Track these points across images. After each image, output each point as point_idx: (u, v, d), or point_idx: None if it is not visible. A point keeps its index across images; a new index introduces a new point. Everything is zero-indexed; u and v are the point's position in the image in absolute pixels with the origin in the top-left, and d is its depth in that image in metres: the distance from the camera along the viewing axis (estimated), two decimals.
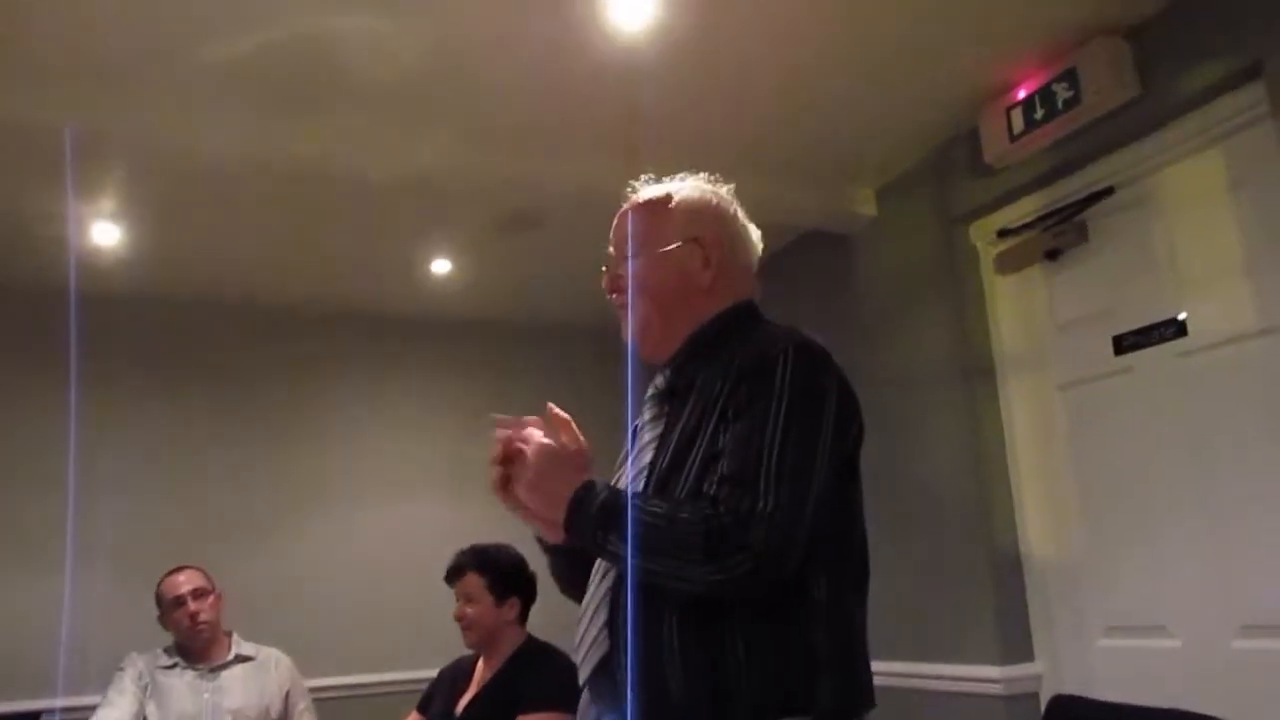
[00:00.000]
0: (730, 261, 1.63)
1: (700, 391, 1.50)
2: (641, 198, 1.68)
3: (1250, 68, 2.49)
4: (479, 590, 2.90)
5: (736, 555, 1.31)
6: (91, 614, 3.85)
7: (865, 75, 2.92)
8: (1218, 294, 2.66)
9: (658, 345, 1.62)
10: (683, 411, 1.51)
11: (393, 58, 2.69)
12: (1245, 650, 2.55)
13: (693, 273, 1.60)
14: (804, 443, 1.38)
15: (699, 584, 1.34)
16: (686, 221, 1.63)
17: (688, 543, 1.32)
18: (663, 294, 1.60)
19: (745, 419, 1.39)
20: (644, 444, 1.56)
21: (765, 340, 1.48)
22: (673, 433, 1.50)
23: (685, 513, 1.35)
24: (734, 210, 1.69)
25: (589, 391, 4.63)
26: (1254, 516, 2.54)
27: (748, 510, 1.32)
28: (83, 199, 3.37)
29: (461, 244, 4.11)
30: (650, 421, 1.58)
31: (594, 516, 1.40)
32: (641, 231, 1.63)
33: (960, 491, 3.23)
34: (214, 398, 4.48)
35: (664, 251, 1.60)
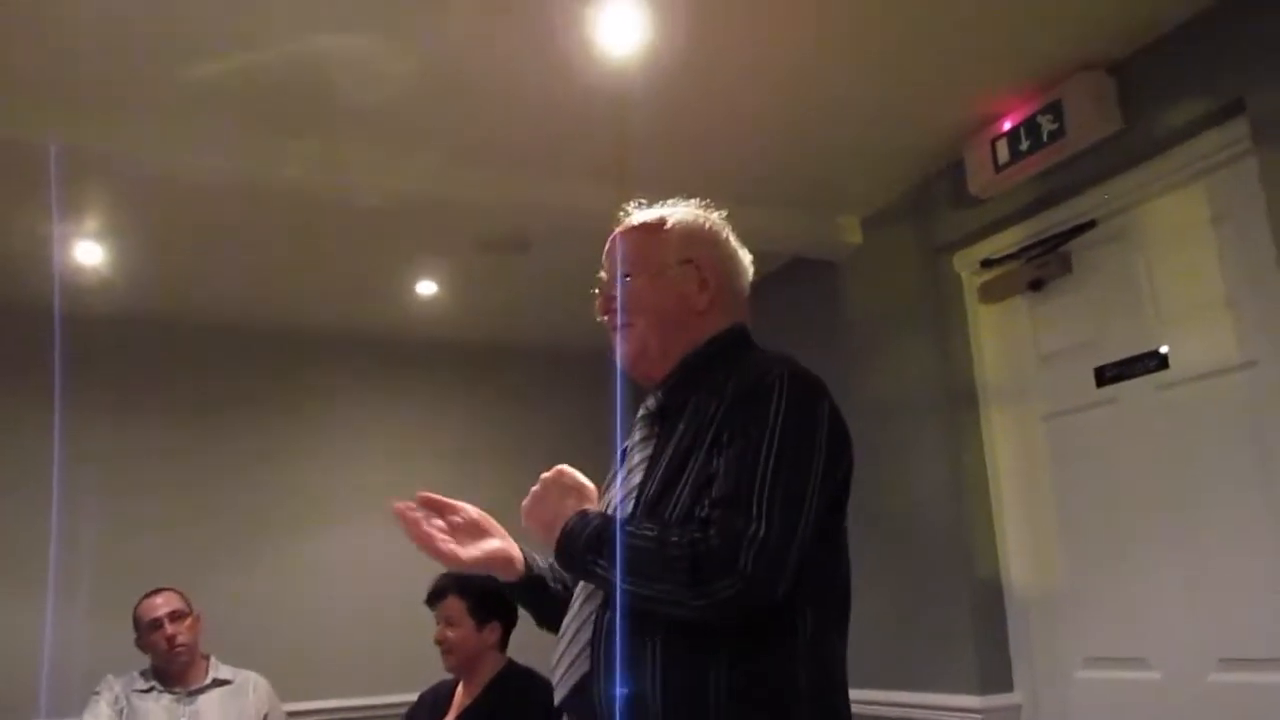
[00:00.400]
0: (724, 284, 1.64)
1: (692, 414, 1.49)
2: (636, 220, 1.69)
3: (1233, 104, 2.52)
4: (460, 614, 2.89)
5: (723, 579, 1.30)
6: (70, 636, 3.81)
7: (852, 104, 2.94)
8: (1199, 327, 2.68)
9: (652, 367, 1.62)
10: (674, 434, 1.51)
11: (380, 80, 2.69)
12: (1223, 683, 2.55)
13: (689, 295, 1.60)
14: (797, 471, 1.38)
15: (685, 608, 1.34)
16: (682, 244, 1.63)
17: (675, 566, 1.32)
18: (659, 316, 1.60)
19: (739, 444, 1.39)
20: (634, 465, 1.55)
21: (759, 366, 1.47)
22: (663, 455, 1.50)
23: (675, 536, 1.35)
24: (726, 234, 1.70)
25: (575, 414, 4.67)
26: (1234, 549, 2.55)
27: (738, 534, 1.31)
28: (67, 218, 3.35)
29: (448, 266, 4.11)
30: (640, 442, 1.58)
31: (585, 541, 1.42)
32: (637, 253, 1.63)
33: (942, 520, 3.24)
34: (196, 419, 4.46)
35: (660, 273, 1.61)
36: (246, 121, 2.88)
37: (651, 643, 1.38)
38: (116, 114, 2.77)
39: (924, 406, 3.35)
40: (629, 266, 1.63)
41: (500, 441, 4.88)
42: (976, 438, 3.29)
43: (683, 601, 1.33)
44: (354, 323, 4.67)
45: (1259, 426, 2.51)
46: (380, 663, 4.32)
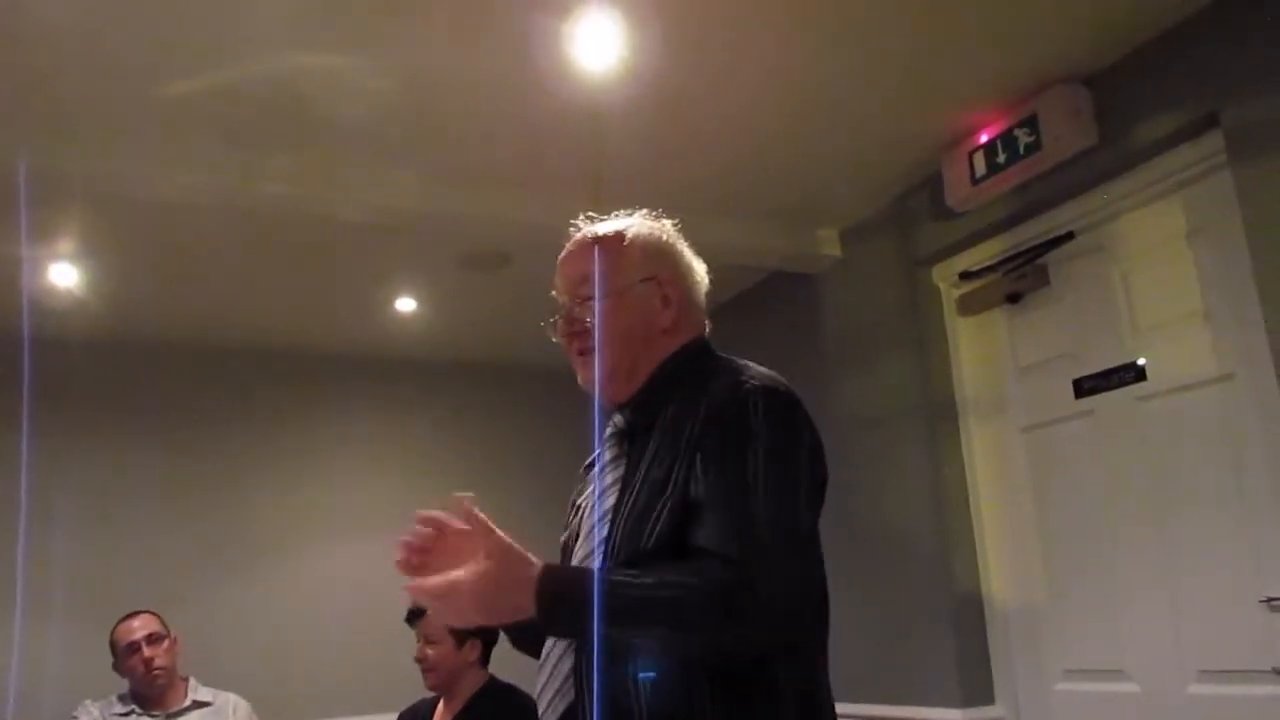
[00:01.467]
0: (686, 299, 1.59)
1: (664, 432, 1.44)
2: (590, 236, 1.61)
3: (1207, 117, 2.54)
4: (440, 632, 2.87)
5: (737, 609, 1.25)
6: (44, 660, 3.76)
7: (831, 118, 2.95)
8: (1176, 340, 2.69)
9: (620, 390, 1.55)
10: (645, 453, 1.45)
11: (358, 97, 2.68)
12: (1202, 695, 2.57)
13: (653, 313, 1.55)
14: (788, 488, 1.35)
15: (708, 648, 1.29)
16: (643, 260, 1.57)
17: (685, 606, 1.26)
18: (628, 337, 1.53)
19: (725, 465, 1.34)
20: (606, 486, 1.49)
21: (731, 380, 1.43)
22: (635, 475, 1.44)
23: (675, 575, 1.28)
24: (682, 246, 1.64)
25: (552, 430, 4.66)
26: (1212, 561, 2.56)
27: (745, 560, 1.26)
28: (40, 240, 3.32)
29: (427, 282, 4.10)
30: (611, 463, 1.52)
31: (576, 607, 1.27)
32: (596, 272, 1.55)
33: (922, 533, 3.24)
34: (171, 440, 4.43)
35: (624, 293, 1.54)
36: (223, 139, 2.86)
37: (635, 671, 1.33)
38: (91, 133, 2.75)
39: (903, 419, 3.36)
40: (590, 287, 1.55)
41: (481, 458, 4.87)
42: (956, 450, 3.30)
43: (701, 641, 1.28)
44: (333, 341, 4.64)
45: (1236, 438, 2.53)
46: (360, 682, 4.29)
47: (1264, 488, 2.45)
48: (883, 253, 3.52)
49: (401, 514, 4.86)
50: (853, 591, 3.38)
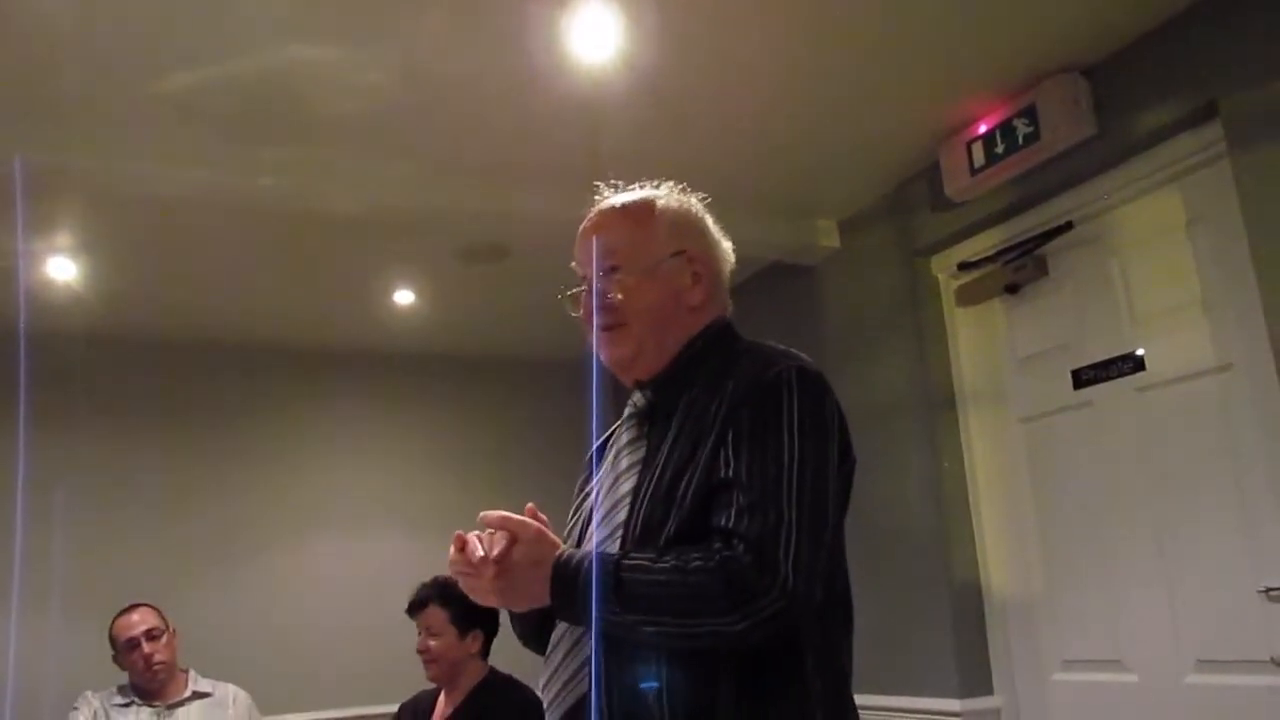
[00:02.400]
0: (715, 276, 1.54)
1: (688, 414, 1.39)
2: (618, 205, 1.54)
3: (1206, 107, 2.53)
4: (442, 624, 2.87)
5: (766, 596, 1.21)
6: (44, 652, 3.77)
7: (828, 109, 2.94)
8: (1175, 330, 2.69)
9: (643, 369, 1.49)
10: (667, 435, 1.39)
11: (355, 90, 2.68)
12: (1199, 685, 2.57)
13: (682, 290, 1.49)
14: (819, 474, 1.30)
15: (726, 636, 1.22)
16: (672, 234, 1.51)
17: (707, 592, 1.21)
18: (655, 315, 1.47)
19: (755, 448, 1.29)
20: (622, 470, 1.43)
21: (761, 361, 1.38)
22: (656, 458, 1.38)
23: (698, 560, 1.23)
24: (710, 220, 1.59)
25: (551, 423, 4.66)
26: (1210, 551, 2.56)
27: (772, 546, 1.22)
28: (38, 234, 3.31)
29: (425, 275, 4.09)
30: (629, 445, 1.46)
31: (582, 593, 1.26)
32: (625, 246, 1.49)
33: (921, 525, 3.24)
34: (169, 434, 4.43)
35: (653, 269, 1.47)
36: (219, 134, 2.85)
37: (655, 661, 1.28)
38: (87, 127, 2.74)
39: (902, 410, 3.36)
40: (617, 260, 1.48)
41: (479, 451, 4.87)
42: (955, 441, 3.30)
43: (723, 630, 1.22)
44: (330, 334, 4.64)
45: (1235, 428, 2.52)
46: (360, 674, 4.30)
47: (1263, 478, 2.45)
48: (881, 244, 3.52)
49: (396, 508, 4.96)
50: (853, 582, 3.39)
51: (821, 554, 1.27)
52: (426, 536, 4.41)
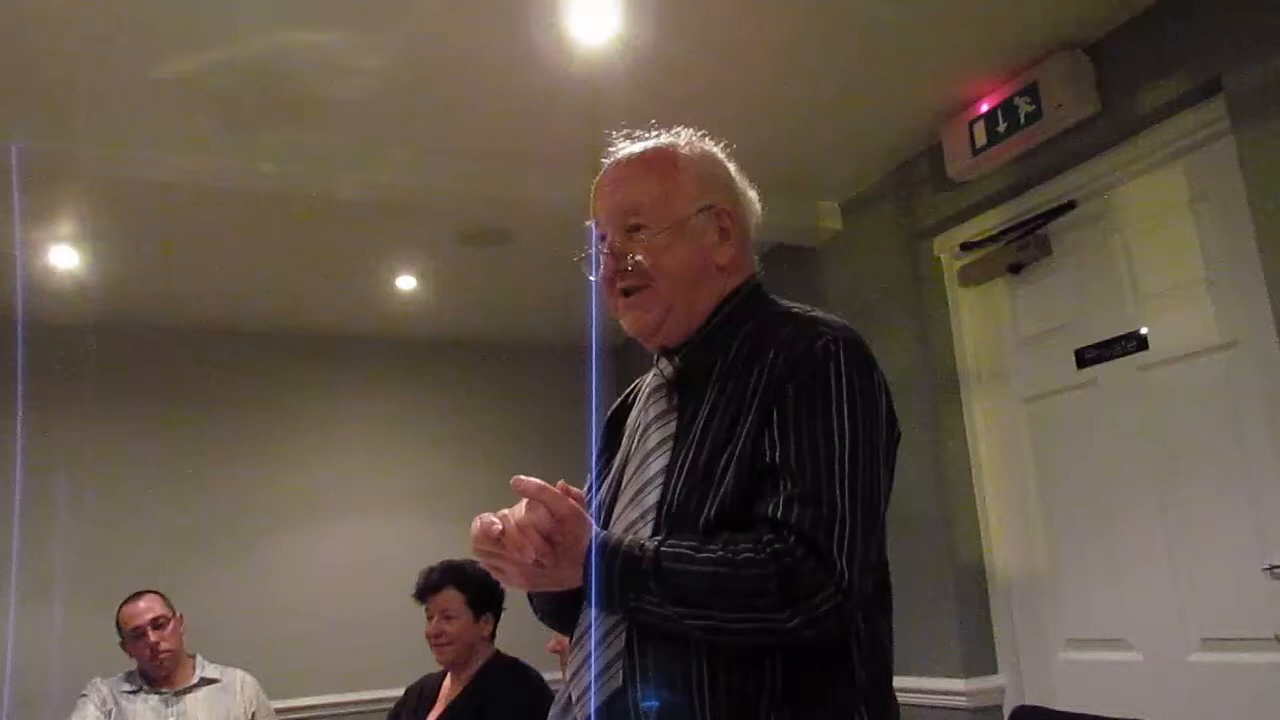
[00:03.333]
0: (745, 231, 1.42)
1: (724, 385, 1.29)
2: (637, 156, 1.42)
3: (1210, 83, 2.51)
4: (458, 607, 2.87)
5: (820, 594, 1.13)
6: (49, 640, 3.79)
7: (830, 89, 2.93)
8: (1178, 308, 2.68)
9: (671, 334, 1.37)
10: (700, 408, 1.29)
11: (353, 74, 2.67)
12: (1204, 663, 2.57)
13: (710, 248, 1.37)
14: (871, 457, 1.21)
15: (778, 634, 1.14)
16: (698, 186, 1.39)
17: (761, 588, 1.13)
18: (684, 277, 1.35)
19: (803, 429, 1.20)
20: (651, 447, 1.33)
21: (805, 328, 1.28)
22: (690, 434, 1.28)
23: (748, 550, 1.15)
24: (736, 171, 1.47)
25: (555, 406, 4.66)
26: (1214, 530, 2.56)
27: (826, 538, 1.14)
28: (39, 223, 3.32)
29: (427, 260, 4.09)
30: (658, 419, 1.35)
31: (623, 577, 1.18)
32: (649, 201, 1.37)
33: (925, 505, 3.24)
34: (176, 419, 4.45)
35: (680, 225, 1.36)
36: (218, 119, 2.85)
37: (696, 658, 1.19)
38: (87, 114, 2.73)
39: (906, 391, 3.32)
40: (641, 218, 1.36)
41: (483, 435, 4.88)
42: (958, 421, 3.29)
43: (775, 628, 1.14)
44: (333, 319, 4.64)
45: (1239, 407, 2.52)
46: (366, 658, 4.33)
47: (1266, 455, 2.44)
48: (884, 225, 3.50)
49: (401, 492, 4.97)
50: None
51: (874, 544, 1.21)
52: (430, 521, 4.45)
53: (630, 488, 1.33)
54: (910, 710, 3.18)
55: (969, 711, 3.02)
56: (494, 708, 2.75)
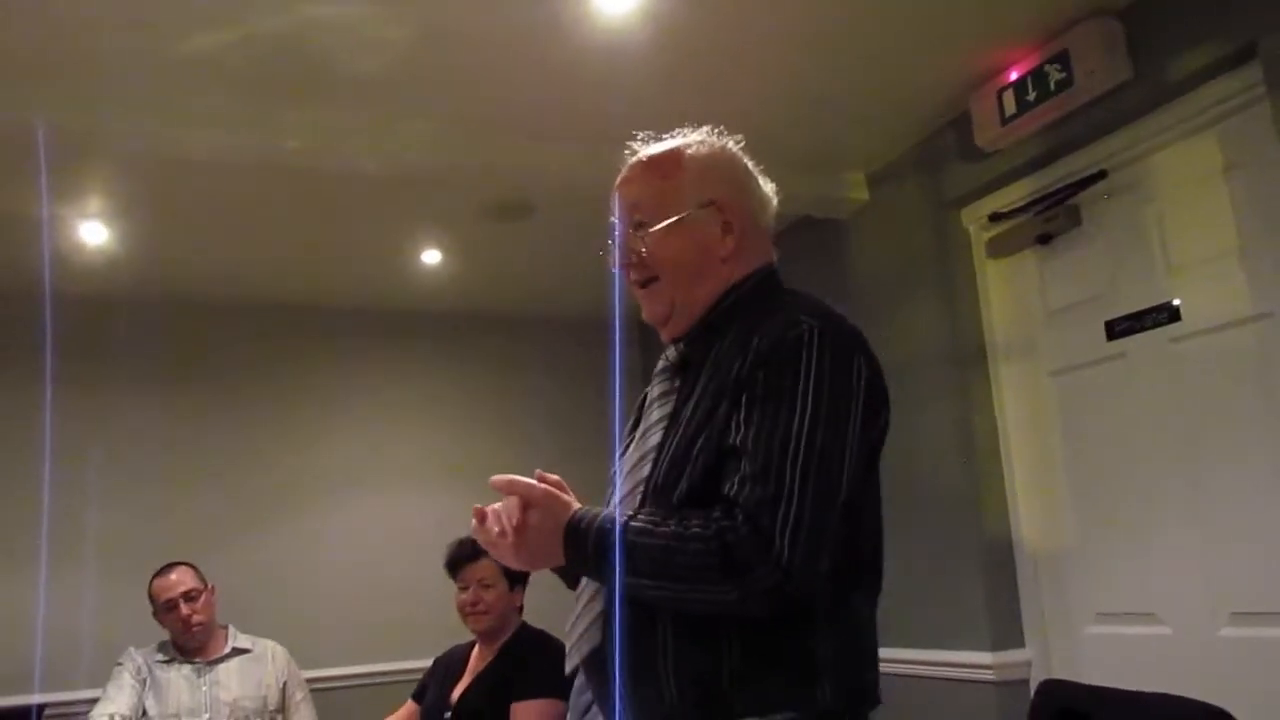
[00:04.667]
0: (749, 225, 1.50)
1: (713, 369, 1.37)
2: (646, 158, 1.53)
3: (1245, 49, 2.46)
4: (495, 576, 2.90)
5: (758, 570, 1.20)
6: (81, 609, 3.85)
7: (856, 58, 2.89)
8: (1211, 279, 2.64)
9: (678, 324, 1.48)
10: (694, 390, 1.39)
11: (376, 47, 2.66)
12: (1234, 637, 2.55)
13: (711, 242, 1.46)
14: (831, 441, 1.26)
15: (721, 604, 1.24)
16: (701, 183, 1.48)
17: (703, 561, 1.21)
18: (683, 269, 1.45)
19: (766, 411, 1.27)
20: (651, 424, 1.43)
21: (787, 317, 1.34)
22: (682, 414, 1.38)
23: (696, 526, 1.24)
24: (746, 164, 1.56)
25: (578, 381, 4.68)
26: (1245, 503, 2.53)
27: (769, 518, 1.21)
28: (70, 198, 3.34)
29: (452, 234, 4.10)
30: (660, 398, 1.46)
31: (595, 546, 1.29)
32: (652, 199, 1.48)
33: (952, 479, 3.22)
34: (206, 393, 4.49)
35: (680, 220, 1.46)
36: (243, 93, 2.86)
37: (663, 618, 1.30)
38: (115, 92, 2.75)
39: (933, 364, 3.33)
40: (645, 214, 1.48)
41: (507, 410, 4.90)
42: (986, 394, 3.27)
43: (716, 599, 1.23)
44: (360, 293, 4.67)
45: (1272, 379, 2.48)
46: (394, 630, 4.37)
47: None
48: (911, 196, 3.47)
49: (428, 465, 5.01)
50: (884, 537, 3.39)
51: (827, 524, 1.25)
52: (458, 493, 4.42)
53: (630, 461, 1.44)
54: (937, 684, 3.19)
55: (996, 685, 3.02)
56: (519, 676, 2.77)
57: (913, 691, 3.24)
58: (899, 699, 3.26)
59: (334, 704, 3.83)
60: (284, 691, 3.42)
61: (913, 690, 3.24)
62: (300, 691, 3.48)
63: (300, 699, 3.46)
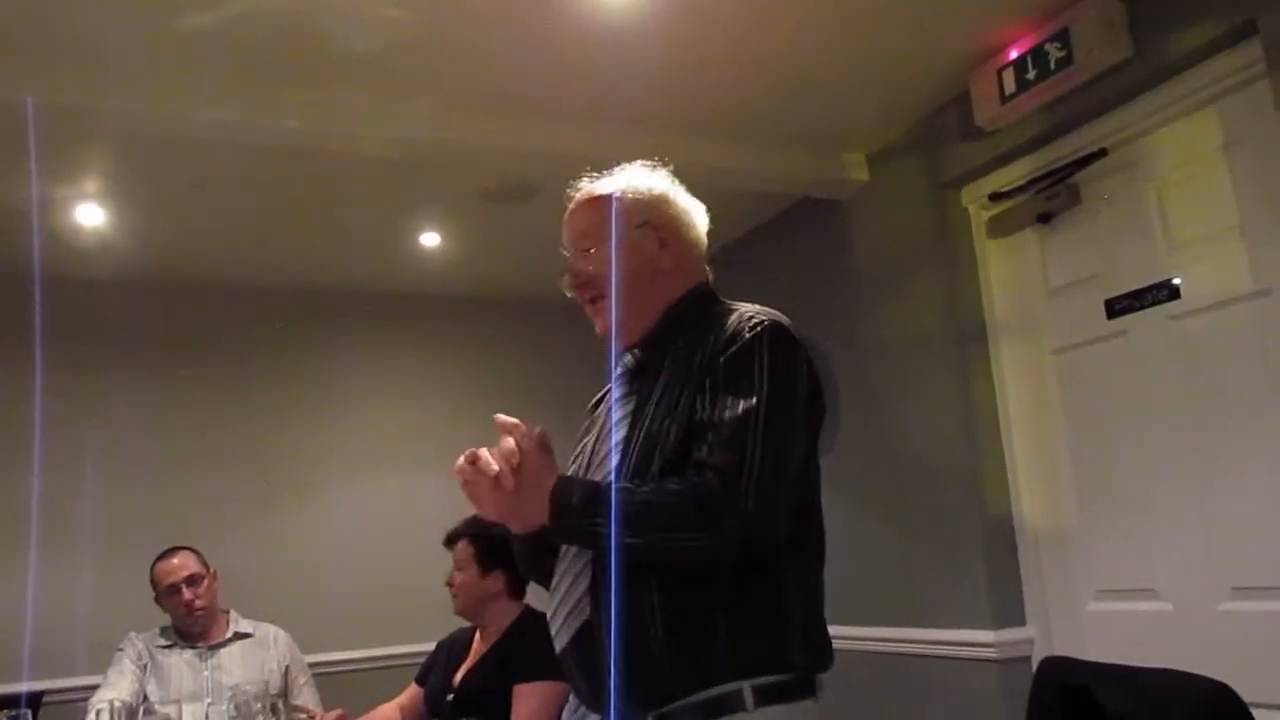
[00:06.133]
0: (683, 240, 1.70)
1: (673, 366, 1.56)
2: (586, 195, 1.73)
3: (1245, 25, 2.45)
4: (467, 559, 2.93)
5: (729, 519, 1.38)
6: (80, 595, 3.85)
7: (856, 39, 2.88)
8: (1211, 256, 2.64)
9: (630, 334, 1.67)
10: (655, 386, 1.57)
11: (374, 26, 2.65)
12: (1234, 612, 2.56)
13: (651, 257, 1.66)
14: (785, 417, 1.47)
15: (695, 551, 1.40)
16: (636, 209, 1.68)
17: (680, 511, 1.39)
18: (630, 285, 1.64)
19: (729, 392, 1.46)
20: (618, 420, 1.60)
21: (740, 316, 1.55)
22: (647, 407, 1.55)
23: (673, 485, 1.42)
24: (676, 192, 1.74)
25: (577, 364, 4.65)
26: (1244, 480, 2.54)
27: (734, 476, 1.39)
28: (65, 179, 3.33)
29: (451, 216, 4.08)
30: (622, 399, 1.63)
31: (581, 502, 1.44)
32: (594, 226, 1.68)
33: (953, 457, 3.23)
34: (204, 376, 4.47)
35: (620, 241, 1.65)
36: (240, 73, 2.84)
37: (649, 585, 1.44)
38: (112, 71, 2.73)
39: (934, 343, 3.33)
40: (589, 240, 1.68)
41: (507, 392, 4.88)
42: (986, 373, 3.27)
43: (692, 545, 1.40)
44: (358, 276, 4.65)
45: (1272, 356, 2.48)
46: (397, 614, 4.37)
47: None
48: (911, 176, 3.46)
49: (427, 448, 4.99)
50: (884, 515, 3.40)
51: (783, 486, 1.45)
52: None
53: (597, 455, 1.63)
54: (939, 662, 3.20)
55: (998, 663, 3.03)
56: (521, 658, 2.78)
57: (915, 671, 3.25)
58: (901, 679, 3.29)
59: (337, 688, 3.83)
60: (286, 675, 3.42)
61: (915, 670, 3.25)
62: (303, 675, 3.48)
63: (303, 683, 3.46)
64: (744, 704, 1.43)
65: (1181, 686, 1.74)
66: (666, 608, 1.44)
